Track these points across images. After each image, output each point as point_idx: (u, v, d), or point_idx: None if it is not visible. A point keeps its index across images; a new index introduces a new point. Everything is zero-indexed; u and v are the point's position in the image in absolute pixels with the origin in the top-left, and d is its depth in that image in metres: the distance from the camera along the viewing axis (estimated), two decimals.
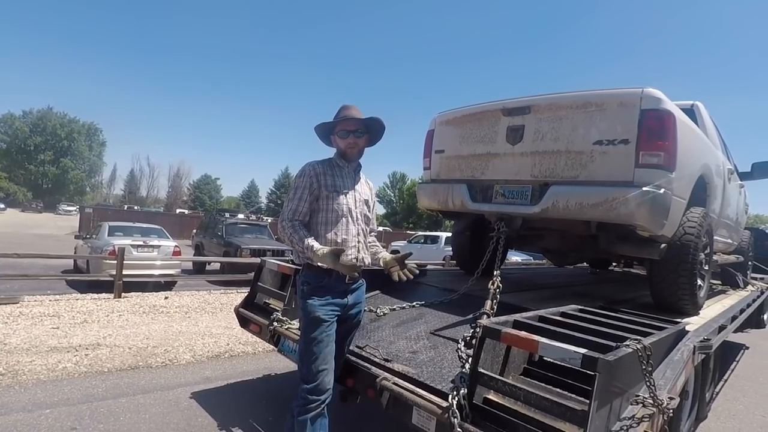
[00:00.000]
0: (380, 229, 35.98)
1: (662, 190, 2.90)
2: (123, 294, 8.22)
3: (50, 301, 7.45)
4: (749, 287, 6.30)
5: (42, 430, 3.17)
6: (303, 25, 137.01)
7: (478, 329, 2.06)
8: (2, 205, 50.47)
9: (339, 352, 2.45)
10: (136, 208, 48.87)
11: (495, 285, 2.98)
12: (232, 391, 4.15)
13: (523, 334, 1.92)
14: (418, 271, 2.63)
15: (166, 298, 8.42)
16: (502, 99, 3.60)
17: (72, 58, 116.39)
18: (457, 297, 3.55)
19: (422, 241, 20.25)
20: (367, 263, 2.56)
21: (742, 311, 4.27)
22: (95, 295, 8.16)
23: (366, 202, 2.61)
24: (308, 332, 2.33)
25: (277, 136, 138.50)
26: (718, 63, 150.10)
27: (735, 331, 4.26)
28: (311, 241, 2.31)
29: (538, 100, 3.36)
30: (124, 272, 8.42)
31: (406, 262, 2.57)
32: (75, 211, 49.05)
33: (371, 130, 2.57)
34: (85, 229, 20.72)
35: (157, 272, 9.91)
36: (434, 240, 19.14)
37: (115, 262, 8.39)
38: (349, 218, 2.47)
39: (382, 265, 2.61)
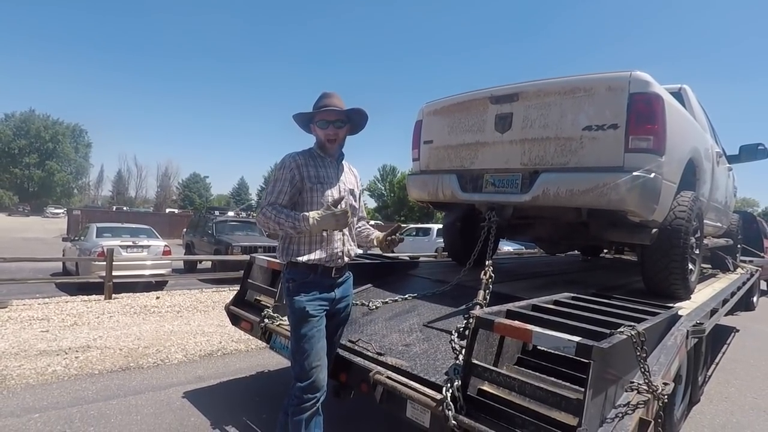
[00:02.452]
0: (372, 222, 35.94)
1: (652, 175, 2.88)
2: (113, 295, 8.12)
3: (39, 304, 7.33)
4: (738, 270, 6.37)
5: None
6: (288, 20, 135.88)
7: (471, 320, 2.03)
8: None
9: (329, 347, 2.41)
10: (124, 208, 48.35)
11: (487, 275, 2.95)
12: (224, 390, 4.11)
13: (516, 323, 1.90)
14: (404, 238, 2.56)
15: (157, 298, 8.33)
16: (489, 87, 3.56)
17: (52, 58, 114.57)
18: (449, 288, 3.52)
19: (414, 233, 20.25)
20: (353, 255, 2.51)
21: (732, 294, 4.30)
22: (85, 297, 8.04)
23: (351, 191, 2.51)
24: (298, 329, 2.27)
25: (265, 133, 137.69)
26: (706, 47, 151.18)
27: (726, 314, 4.30)
28: (300, 213, 2.21)
29: (526, 86, 3.33)
30: (114, 273, 8.31)
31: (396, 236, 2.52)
32: (62, 213, 48.57)
33: (353, 120, 2.45)
34: (73, 232, 20.47)
35: (147, 272, 9.80)
36: (426, 232, 19.15)
37: (104, 263, 8.29)
38: None
39: (375, 243, 2.59)
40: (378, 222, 43.89)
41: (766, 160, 5.58)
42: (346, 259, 2.43)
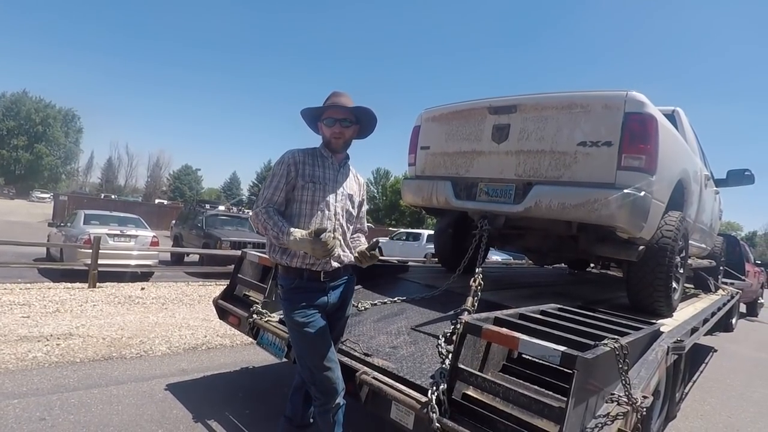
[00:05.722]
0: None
1: (642, 193, 2.95)
2: (98, 284, 8.03)
3: (21, 289, 7.23)
4: (720, 292, 6.48)
5: (9, 420, 3.07)
6: (288, 13, 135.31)
7: (459, 325, 2.06)
8: None
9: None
10: (113, 196, 47.85)
11: (476, 282, 2.99)
12: (208, 384, 4.09)
13: (504, 330, 1.93)
14: (378, 257, 2.46)
15: (142, 288, 8.26)
16: (489, 97, 3.61)
17: (49, 41, 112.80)
18: (438, 293, 3.56)
19: (404, 238, 20.28)
20: (346, 261, 2.37)
21: (713, 314, 4.40)
22: (68, 285, 7.95)
23: (350, 197, 2.43)
24: (293, 336, 2.28)
25: (260, 128, 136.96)
26: (698, 69, 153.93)
27: (705, 334, 4.38)
28: (287, 226, 2.17)
29: (525, 99, 3.38)
30: (100, 262, 8.22)
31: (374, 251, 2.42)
32: (49, 198, 47.83)
33: (361, 122, 2.41)
34: (59, 217, 20.14)
35: (133, 262, 9.70)
36: (416, 237, 19.19)
37: (90, 251, 8.20)
38: (326, 212, 2.29)
39: (357, 255, 2.41)
40: (369, 225, 43.83)
41: (752, 185, 5.72)
42: (335, 264, 2.30)
